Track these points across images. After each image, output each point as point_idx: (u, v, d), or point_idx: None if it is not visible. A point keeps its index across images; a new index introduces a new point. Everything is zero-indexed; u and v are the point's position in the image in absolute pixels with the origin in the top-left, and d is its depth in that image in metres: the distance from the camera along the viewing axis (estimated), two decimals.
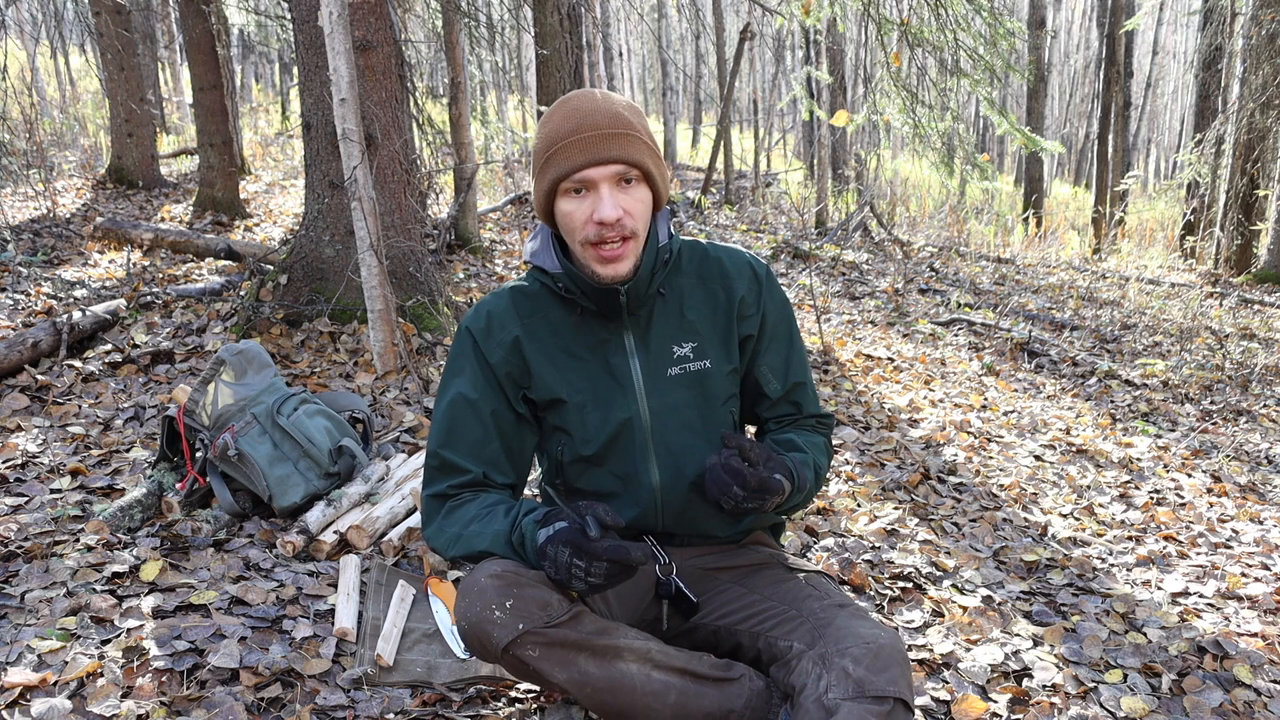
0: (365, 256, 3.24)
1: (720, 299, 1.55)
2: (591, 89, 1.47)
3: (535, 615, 1.33)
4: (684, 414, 1.52)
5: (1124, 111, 12.29)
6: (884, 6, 6.27)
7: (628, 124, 1.41)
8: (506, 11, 10.01)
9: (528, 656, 1.33)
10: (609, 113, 1.40)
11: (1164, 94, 34.34)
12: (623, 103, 1.44)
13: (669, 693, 1.39)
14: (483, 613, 1.33)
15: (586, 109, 1.40)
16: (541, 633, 1.33)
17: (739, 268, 1.57)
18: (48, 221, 5.62)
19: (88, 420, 2.88)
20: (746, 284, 1.56)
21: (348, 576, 2.03)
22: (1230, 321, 6.66)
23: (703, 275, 1.56)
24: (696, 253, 1.58)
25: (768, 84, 21.26)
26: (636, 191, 1.41)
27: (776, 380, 1.59)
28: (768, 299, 1.57)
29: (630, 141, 1.40)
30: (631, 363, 1.51)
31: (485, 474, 1.50)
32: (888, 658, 1.30)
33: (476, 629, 1.33)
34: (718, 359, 1.54)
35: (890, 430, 3.60)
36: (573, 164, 1.37)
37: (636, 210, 1.41)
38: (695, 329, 1.53)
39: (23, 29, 13.39)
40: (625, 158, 1.38)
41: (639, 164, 1.40)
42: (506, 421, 1.51)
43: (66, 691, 1.60)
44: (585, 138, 1.38)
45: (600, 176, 1.38)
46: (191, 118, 8.99)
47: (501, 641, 1.32)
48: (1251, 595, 2.39)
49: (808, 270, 6.93)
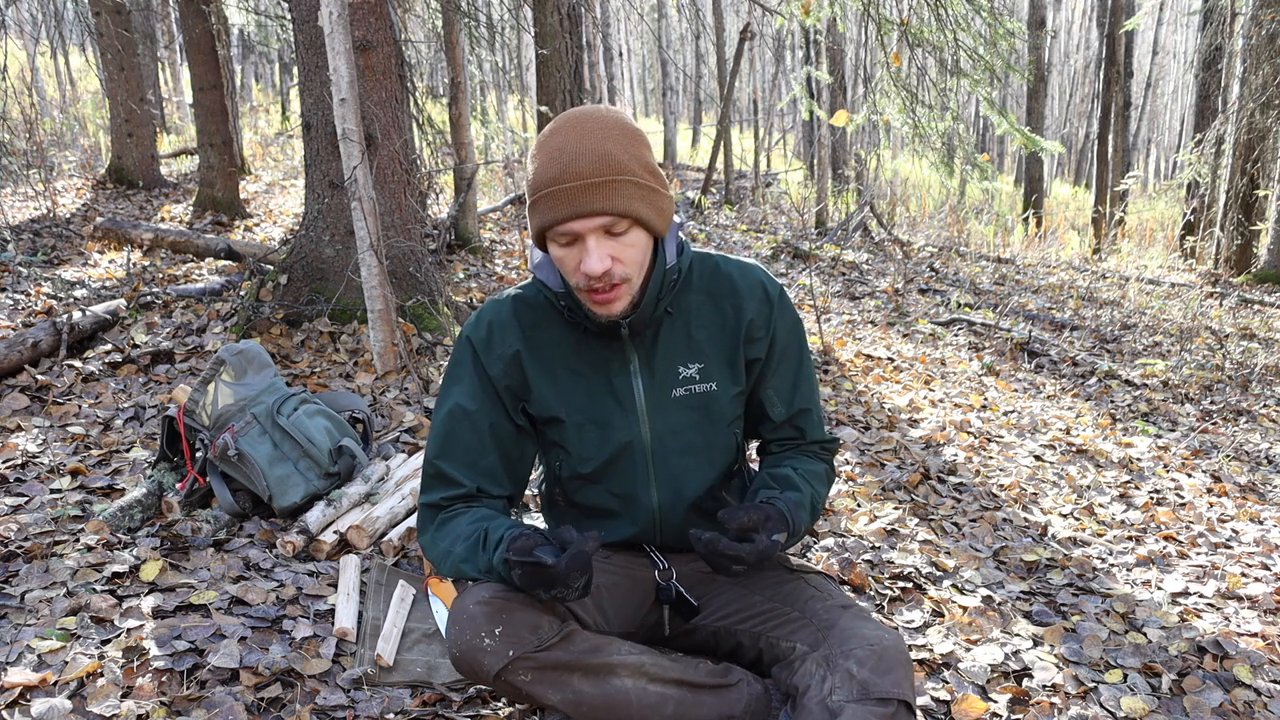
0: (365, 256, 3.24)
1: (729, 319, 1.50)
2: (584, 110, 1.35)
3: (526, 640, 1.32)
4: (686, 435, 1.50)
5: (1124, 111, 12.29)
6: (884, 6, 6.27)
7: (616, 167, 1.29)
8: (506, 11, 10.01)
9: (520, 681, 1.33)
10: (595, 155, 1.28)
11: (1164, 94, 34.33)
12: (615, 133, 1.31)
13: (666, 704, 1.39)
14: (473, 640, 1.32)
15: (571, 151, 1.29)
16: (532, 657, 1.32)
17: (751, 288, 1.50)
18: (48, 221, 5.62)
19: (88, 420, 2.88)
20: (757, 305, 1.50)
21: (348, 576, 2.03)
22: (1230, 321, 6.66)
23: (713, 293, 1.51)
24: (707, 268, 1.52)
25: (768, 84, 21.26)
26: (628, 237, 1.33)
27: (782, 404, 1.55)
28: (778, 321, 1.52)
29: (616, 189, 1.29)
30: (635, 383, 1.48)
31: (480, 487, 1.48)
32: (892, 659, 1.30)
33: (468, 657, 1.32)
34: (724, 381, 1.50)
35: (890, 430, 3.60)
36: (555, 216, 1.29)
37: (628, 256, 1.33)
38: (702, 349, 1.49)
39: (23, 29, 13.39)
40: (610, 209, 1.29)
41: (627, 213, 1.30)
42: (505, 433, 1.49)
43: (66, 691, 1.60)
44: (567, 189, 1.28)
45: (585, 229, 1.30)
46: (191, 118, 8.98)
47: (493, 669, 1.31)
48: (1251, 595, 2.39)
49: (808, 270, 6.93)
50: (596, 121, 1.32)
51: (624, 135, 1.32)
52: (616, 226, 1.31)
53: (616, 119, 1.34)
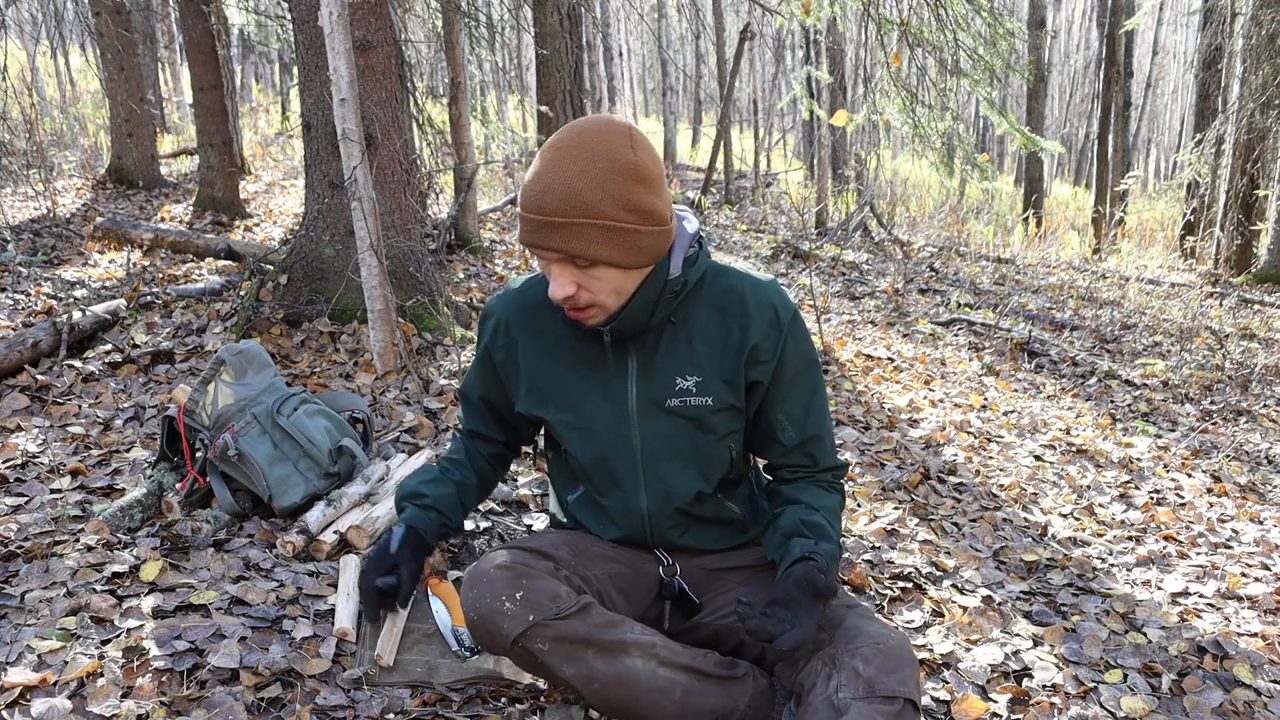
0: (365, 256, 3.24)
1: (734, 338, 1.47)
2: (584, 130, 1.31)
3: (545, 606, 1.33)
4: (676, 443, 1.49)
5: (1124, 111, 12.29)
6: (884, 6, 6.27)
7: (580, 208, 1.26)
8: (506, 11, 10.01)
9: (537, 649, 1.33)
10: (562, 193, 1.26)
11: (1164, 94, 34.33)
12: (597, 167, 1.26)
13: (674, 689, 1.39)
14: (493, 604, 1.32)
15: (544, 181, 1.28)
16: (551, 624, 1.32)
17: (761, 309, 1.47)
18: (48, 221, 5.62)
19: (88, 420, 2.88)
20: (764, 328, 1.46)
21: (348, 576, 2.03)
22: (1230, 321, 6.66)
23: (721, 308, 1.48)
24: (720, 281, 1.49)
25: (768, 84, 21.26)
26: (594, 271, 1.32)
27: (793, 429, 1.52)
28: (789, 345, 1.48)
29: (575, 233, 1.27)
30: (629, 387, 1.48)
31: (472, 430, 1.72)
32: (897, 658, 1.30)
33: (487, 620, 1.33)
34: (721, 396, 1.48)
35: (890, 430, 3.60)
36: (523, 238, 1.33)
37: (596, 286, 1.34)
38: (701, 363, 1.47)
39: (23, 29, 13.38)
40: (566, 249, 1.29)
41: (583, 254, 1.29)
42: (504, 407, 1.66)
43: (66, 691, 1.60)
44: (531, 220, 1.30)
45: (547, 258, 1.33)
46: (191, 118, 8.98)
47: (512, 633, 1.32)
48: (1251, 595, 2.39)
49: (808, 270, 6.93)
50: (582, 150, 1.28)
51: (606, 170, 1.27)
52: (578, 261, 1.31)
53: (606, 148, 1.28)
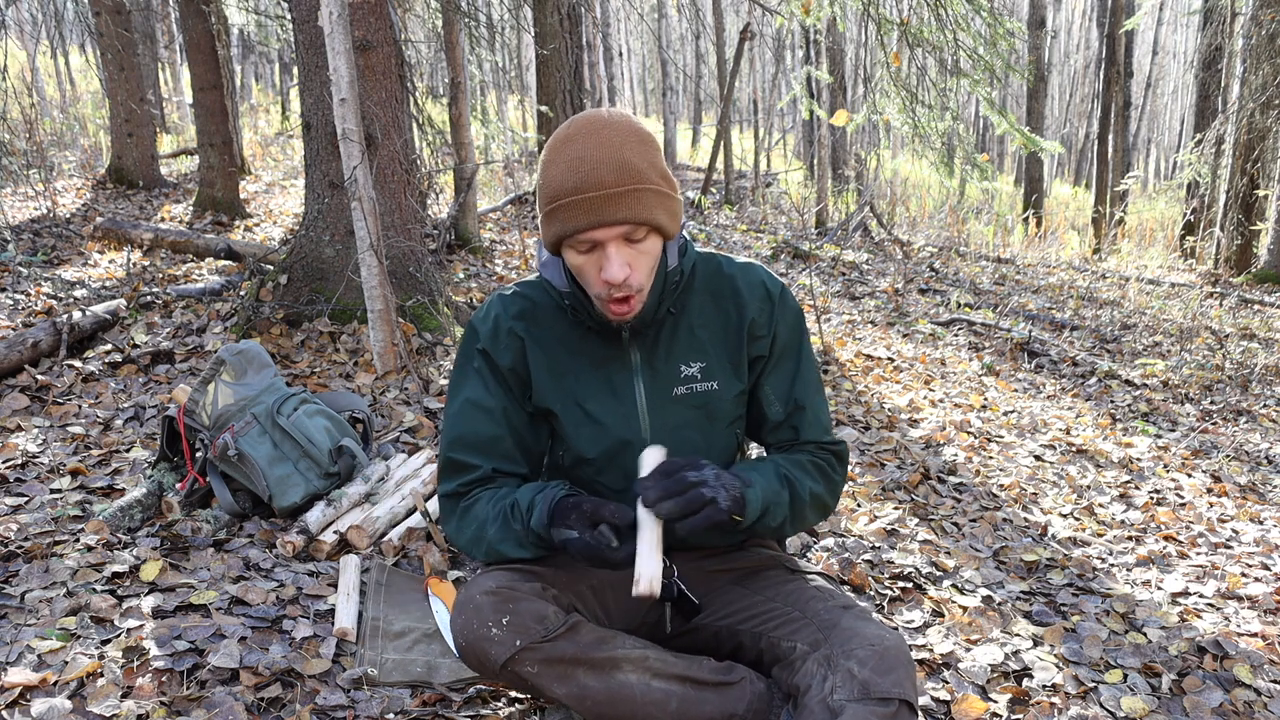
0: (365, 256, 3.24)
1: (732, 318, 1.51)
2: (597, 115, 1.34)
3: (532, 630, 1.33)
4: (685, 433, 1.50)
5: (1124, 111, 12.29)
6: (884, 6, 6.27)
7: (636, 175, 1.30)
8: (506, 11, 10.00)
9: (526, 672, 1.34)
10: (615, 164, 1.29)
11: (1164, 94, 34.33)
12: (631, 140, 1.32)
13: (670, 700, 1.39)
14: (479, 630, 1.33)
15: (591, 160, 1.29)
16: (539, 648, 1.33)
17: (752, 288, 1.51)
18: (48, 221, 5.62)
19: (88, 420, 2.88)
20: (759, 304, 1.51)
21: (348, 576, 2.03)
22: (1230, 321, 6.66)
23: (715, 293, 1.52)
24: (710, 268, 1.53)
25: (768, 84, 21.25)
26: (645, 244, 1.35)
27: (779, 402, 1.54)
28: (780, 319, 1.52)
29: (638, 198, 1.30)
30: (636, 380, 1.49)
31: (495, 469, 1.50)
32: (893, 659, 1.30)
33: (475, 647, 1.34)
34: (726, 380, 1.50)
35: (890, 430, 3.60)
36: (577, 225, 1.30)
37: (643, 264, 1.36)
38: (704, 348, 1.50)
39: (23, 29, 13.38)
40: (633, 218, 1.30)
41: (648, 221, 1.32)
42: (518, 418, 1.51)
43: (66, 691, 1.60)
44: (589, 199, 1.29)
45: (607, 237, 1.31)
46: (191, 118, 8.98)
47: (500, 659, 1.32)
48: (1251, 595, 2.39)
49: (808, 270, 6.93)
50: (612, 129, 1.32)
51: (640, 142, 1.33)
52: (635, 234, 1.33)
53: (629, 125, 1.34)
